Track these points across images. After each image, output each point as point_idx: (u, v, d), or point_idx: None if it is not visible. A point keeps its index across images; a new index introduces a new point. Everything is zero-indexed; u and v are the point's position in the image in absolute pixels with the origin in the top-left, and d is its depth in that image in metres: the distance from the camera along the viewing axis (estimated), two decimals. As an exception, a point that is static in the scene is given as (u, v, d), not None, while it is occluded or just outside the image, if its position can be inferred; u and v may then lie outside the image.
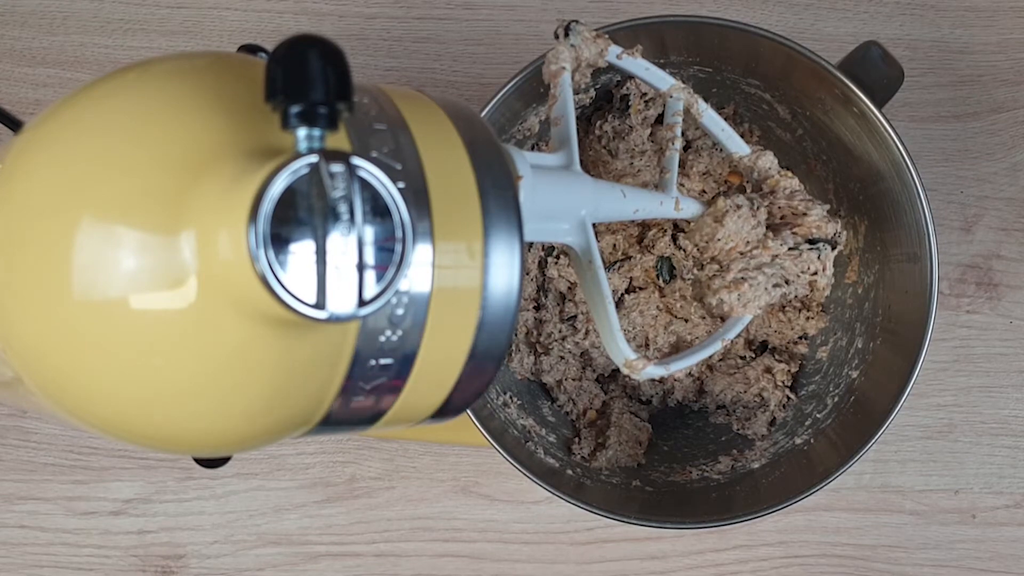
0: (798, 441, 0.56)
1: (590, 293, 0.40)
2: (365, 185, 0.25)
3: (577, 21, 0.42)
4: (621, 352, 0.40)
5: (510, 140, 0.56)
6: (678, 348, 0.60)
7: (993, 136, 0.64)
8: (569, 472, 0.55)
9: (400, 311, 0.29)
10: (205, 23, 0.63)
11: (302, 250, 0.25)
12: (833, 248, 0.46)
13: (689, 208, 0.46)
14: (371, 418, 0.32)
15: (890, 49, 0.51)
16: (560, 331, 0.59)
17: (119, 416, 0.28)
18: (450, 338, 0.30)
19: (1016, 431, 0.63)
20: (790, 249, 0.45)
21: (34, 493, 0.61)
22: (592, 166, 0.58)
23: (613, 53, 0.43)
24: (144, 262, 0.26)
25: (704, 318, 0.59)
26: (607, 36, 0.43)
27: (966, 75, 0.64)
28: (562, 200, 0.39)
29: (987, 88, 0.64)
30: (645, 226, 0.60)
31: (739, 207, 0.45)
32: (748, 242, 0.45)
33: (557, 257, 0.59)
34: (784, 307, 0.59)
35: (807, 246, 0.46)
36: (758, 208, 0.45)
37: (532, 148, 0.58)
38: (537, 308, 0.60)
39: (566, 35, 0.42)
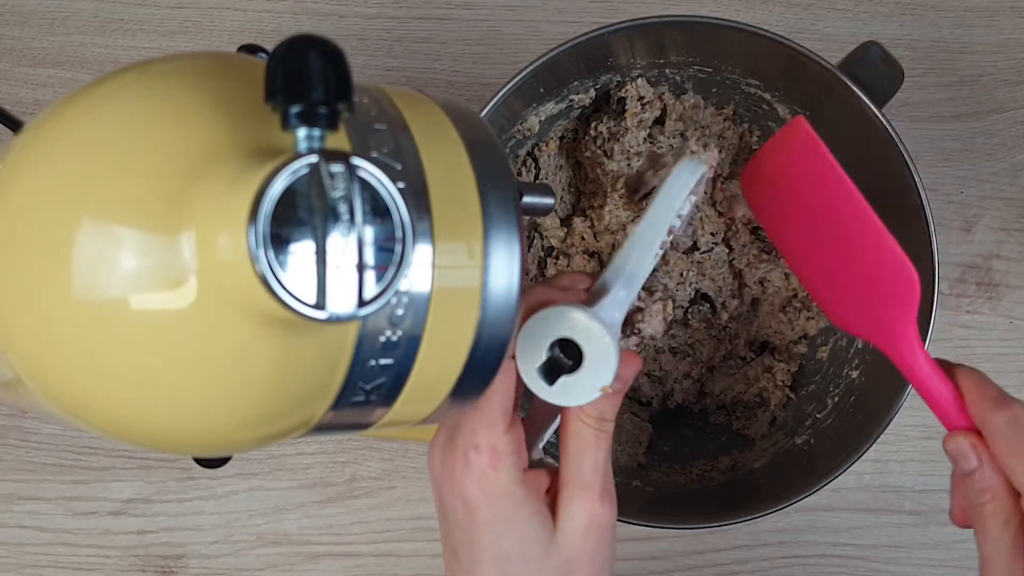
0: (798, 441, 0.56)
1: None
2: (365, 185, 0.25)
3: None
4: None
5: (510, 140, 0.56)
6: (677, 351, 0.60)
7: (993, 136, 0.64)
8: (569, 472, 0.55)
9: (400, 311, 0.29)
10: (205, 23, 0.63)
11: (302, 250, 0.25)
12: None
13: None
14: (372, 418, 0.32)
15: (890, 49, 0.51)
16: (560, 331, 0.59)
17: (119, 416, 0.28)
18: (450, 338, 0.30)
19: (1016, 431, 0.63)
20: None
21: (34, 493, 0.61)
22: (589, 166, 0.58)
23: None
24: (144, 262, 0.26)
25: (703, 322, 0.59)
26: None
27: (966, 75, 0.64)
28: None
29: (987, 88, 0.64)
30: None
31: None
32: None
33: (557, 257, 0.59)
34: (784, 307, 0.59)
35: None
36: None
37: (533, 148, 0.58)
38: (537, 308, 0.60)
39: None
